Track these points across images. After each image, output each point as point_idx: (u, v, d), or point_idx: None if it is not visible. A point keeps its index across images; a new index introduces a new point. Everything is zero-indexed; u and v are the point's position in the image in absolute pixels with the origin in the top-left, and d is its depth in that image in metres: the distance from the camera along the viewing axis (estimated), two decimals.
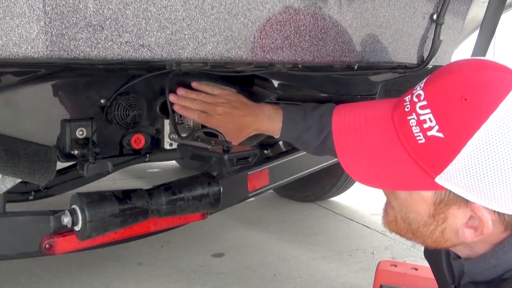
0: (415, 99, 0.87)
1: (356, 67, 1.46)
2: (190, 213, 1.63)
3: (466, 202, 0.84)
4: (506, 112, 0.78)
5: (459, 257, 1.02)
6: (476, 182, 0.80)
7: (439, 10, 1.45)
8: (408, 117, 0.87)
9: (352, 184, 3.40)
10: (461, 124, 0.80)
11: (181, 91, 1.50)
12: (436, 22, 1.46)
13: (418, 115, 0.85)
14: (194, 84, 1.51)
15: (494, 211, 0.84)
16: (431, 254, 1.18)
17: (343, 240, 2.98)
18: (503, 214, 0.85)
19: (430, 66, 1.57)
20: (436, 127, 0.82)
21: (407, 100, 0.90)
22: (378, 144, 0.91)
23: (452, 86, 0.84)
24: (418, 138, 0.85)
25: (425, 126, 0.83)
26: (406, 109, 0.88)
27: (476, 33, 1.67)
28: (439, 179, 0.83)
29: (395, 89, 2.04)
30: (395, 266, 2.08)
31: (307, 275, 2.47)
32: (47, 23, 0.82)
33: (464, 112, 0.80)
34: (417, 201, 0.90)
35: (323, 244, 2.89)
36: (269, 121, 1.45)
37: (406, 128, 0.87)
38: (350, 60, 1.32)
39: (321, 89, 2.03)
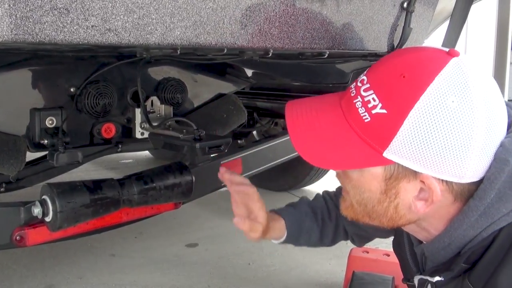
0: (359, 84, 0.94)
1: (326, 55, 1.46)
2: (162, 202, 1.62)
3: (414, 174, 0.89)
4: (441, 84, 0.85)
5: (421, 243, 1.05)
6: (420, 151, 0.86)
7: None
8: (354, 101, 0.93)
9: (325, 174, 3.44)
10: (401, 98, 0.86)
11: None
12: (407, 10, 1.48)
13: (362, 97, 0.92)
14: None
15: (442, 181, 0.89)
16: (396, 247, 1.23)
17: None
18: (451, 183, 0.89)
19: None
20: (380, 105, 0.88)
21: (352, 87, 0.97)
22: (328, 129, 0.97)
23: (392, 67, 0.91)
24: (364, 117, 0.90)
25: (369, 105, 0.90)
26: (352, 94, 0.95)
27: (447, 23, 1.69)
28: (387, 153, 0.88)
29: None
30: (367, 252, 2.11)
31: (281, 263, 2.48)
32: (11, 5, 0.80)
33: (404, 87, 0.87)
34: (369, 179, 0.94)
35: None
36: (272, 220, 1.38)
37: (352, 110, 0.93)
38: (320, 47, 1.32)
39: (293, 78, 2.03)
